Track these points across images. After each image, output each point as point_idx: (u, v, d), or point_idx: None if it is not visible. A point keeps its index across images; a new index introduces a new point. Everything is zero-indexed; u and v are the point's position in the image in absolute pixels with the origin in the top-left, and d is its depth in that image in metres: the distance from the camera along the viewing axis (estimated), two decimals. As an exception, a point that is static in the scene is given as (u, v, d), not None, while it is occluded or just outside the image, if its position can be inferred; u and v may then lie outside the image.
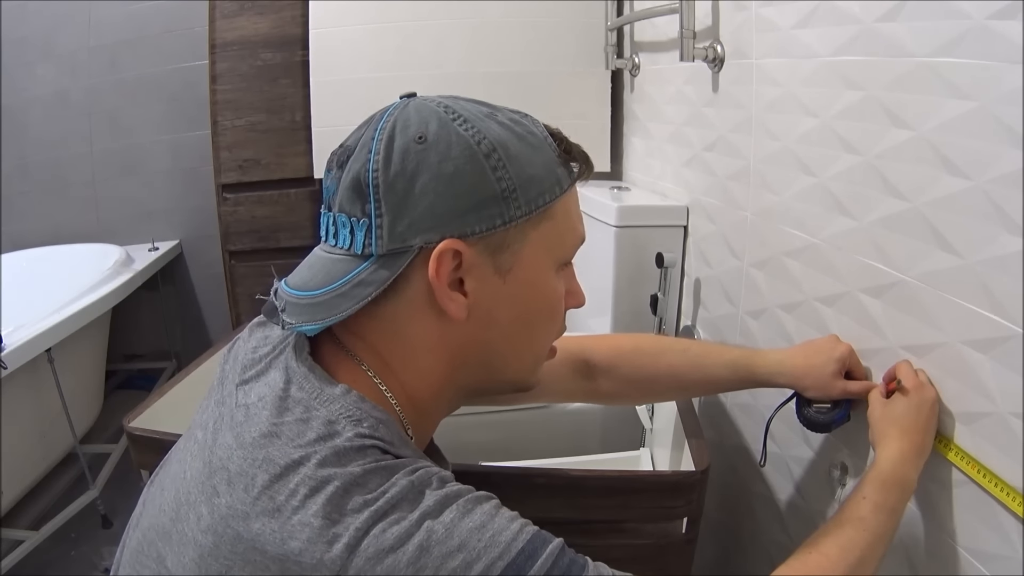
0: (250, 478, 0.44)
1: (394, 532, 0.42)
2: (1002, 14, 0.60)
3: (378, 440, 0.46)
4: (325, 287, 0.49)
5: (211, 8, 1.83)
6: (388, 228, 0.48)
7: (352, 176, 0.48)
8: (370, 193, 0.47)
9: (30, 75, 2.28)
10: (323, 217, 0.52)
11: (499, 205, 0.49)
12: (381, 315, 0.50)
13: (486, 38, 1.71)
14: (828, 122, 0.88)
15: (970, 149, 0.65)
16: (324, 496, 0.42)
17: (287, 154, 1.89)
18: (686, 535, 0.80)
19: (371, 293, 0.48)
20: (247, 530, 0.42)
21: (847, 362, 0.79)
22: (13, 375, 1.49)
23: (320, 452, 0.44)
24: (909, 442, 0.68)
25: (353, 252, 0.49)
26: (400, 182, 0.47)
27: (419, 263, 0.49)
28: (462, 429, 1.46)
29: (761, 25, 1.02)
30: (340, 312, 0.48)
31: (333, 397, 0.48)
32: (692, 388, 0.90)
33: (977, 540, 0.66)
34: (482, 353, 0.54)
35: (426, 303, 0.50)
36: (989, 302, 0.63)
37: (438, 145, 0.48)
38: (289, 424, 0.46)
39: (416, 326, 0.51)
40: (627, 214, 1.35)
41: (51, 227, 2.36)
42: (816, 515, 0.94)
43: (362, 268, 0.48)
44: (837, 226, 0.87)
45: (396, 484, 0.44)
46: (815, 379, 0.79)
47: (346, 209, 0.49)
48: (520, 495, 0.77)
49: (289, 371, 0.50)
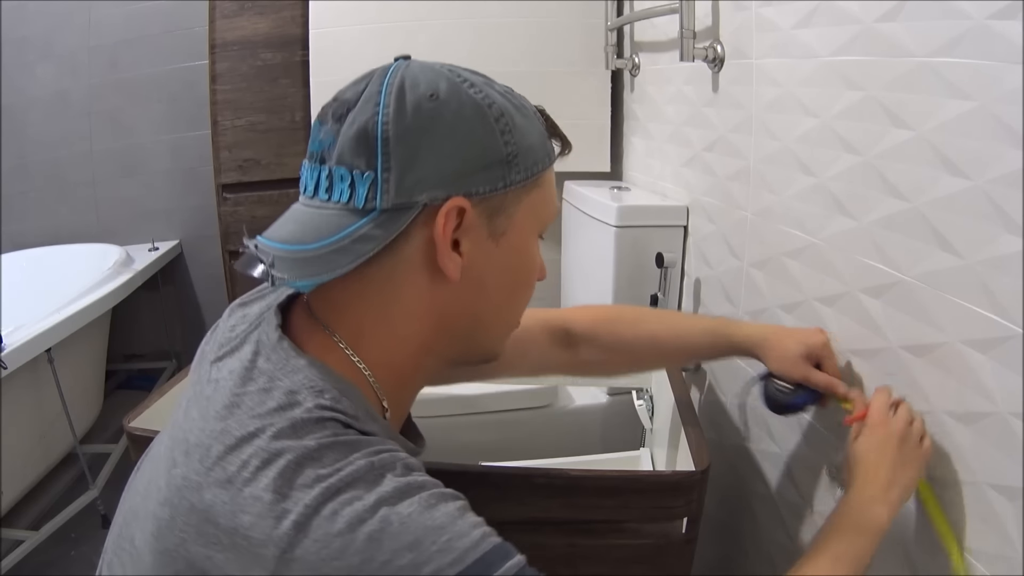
0: (206, 449, 0.43)
1: (346, 515, 0.39)
2: (1002, 14, 0.60)
3: (339, 413, 0.45)
4: (319, 242, 0.46)
5: (211, 8, 1.83)
6: (395, 182, 0.46)
7: (358, 128, 0.47)
8: (378, 146, 0.46)
9: (30, 75, 2.28)
10: (310, 171, 0.50)
11: (503, 168, 0.50)
12: (371, 276, 0.49)
13: (486, 38, 1.71)
14: (828, 122, 0.88)
15: (970, 149, 0.65)
16: (276, 469, 0.41)
17: (287, 154, 1.89)
18: (686, 535, 0.80)
19: (372, 249, 0.46)
20: (200, 501, 0.41)
21: (818, 352, 0.80)
22: (13, 375, 1.49)
23: (277, 424, 0.43)
24: (874, 481, 0.65)
25: (352, 206, 0.47)
26: (411, 136, 0.47)
27: (421, 221, 0.48)
28: (462, 429, 1.47)
29: (761, 25, 1.02)
30: (338, 268, 0.46)
31: (298, 368, 0.47)
32: (671, 355, 0.90)
33: (977, 540, 0.66)
34: (465, 318, 0.53)
35: (422, 263, 0.49)
36: (989, 302, 0.63)
37: (450, 104, 0.48)
38: (251, 394, 0.45)
39: (407, 287, 0.50)
40: (627, 214, 1.35)
41: (51, 227, 2.36)
42: (816, 515, 0.94)
43: (363, 223, 0.46)
44: (837, 226, 0.87)
45: (353, 462, 0.42)
46: (781, 354, 0.80)
47: (347, 162, 0.47)
48: (520, 495, 0.78)
49: (259, 343, 0.49)
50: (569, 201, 1.68)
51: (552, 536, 0.79)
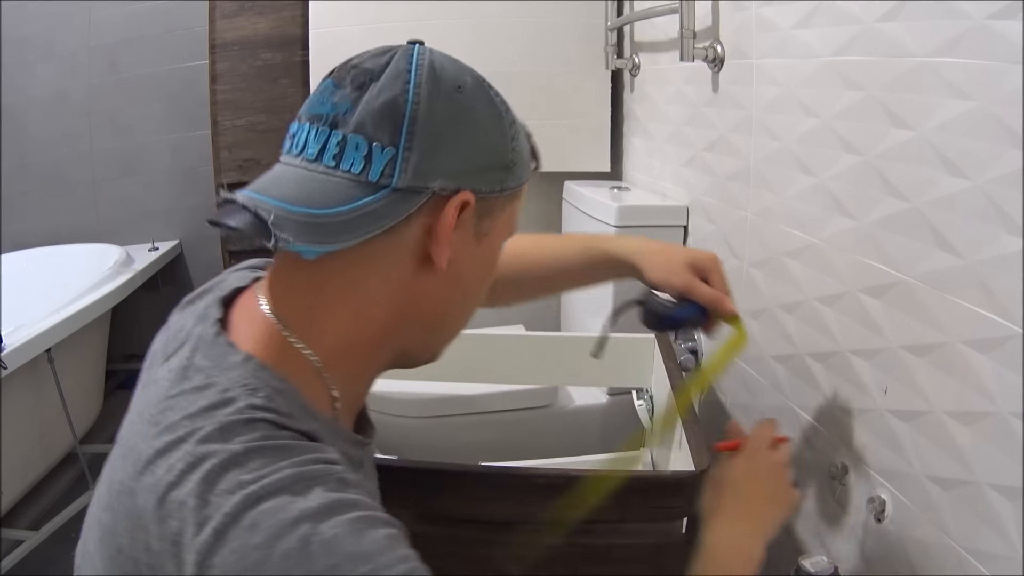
0: (138, 453, 0.42)
1: (265, 528, 0.37)
2: (1002, 14, 0.60)
3: (272, 412, 0.43)
4: (329, 209, 0.44)
5: (211, 8, 1.83)
6: (415, 164, 0.46)
7: (385, 101, 0.46)
8: (404, 123, 0.46)
9: (30, 75, 2.28)
10: (315, 133, 0.47)
11: (504, 172, 0.51)
12: (355, 257, 0.47)
13: (486, 38, 1.71)
14: (828, 122, 0.88)
15: (970, 149, 0.65)
16: (200, 474, 0.39)
17: (287, 154, 1.89)
18: (686, 535, 0.79)
19: (381, 227, 0.45)
20: (134, 506, 0.41)
21: (704, 265, 0.73)
22: (13, 375, 1.49)
23: (206, 426, 0.41)
24: (749, 515, 0.64)
25: (363, 178, 0.45)
26: (439, 123, 0.47)
27: (426, 208, 0.47)
28: (462, 429, 1.47)
29: (761, 25, 1.02)
30: (343, 241, 0.44)
31: (233, 365, 0.45)
32: (555, 279, 0.84)
33: (977, 540, 0.66)
34: (433, 311, 0.53)
35: (414, 248, 0.49)
36: (989, 302, 0.63)
37: (476, 101, 0.49)
38: (185, 394, 0.44)
39: (393, 270, 0.49)
40: (627, 214, 1.35)
41: (51, 227, 2.36)
42: (816, 515, 0.94)
43: (374, 198, 0.45)
44: (837, 226, 0.87)
45: (280, 470, 0.40)
46: (662, 263, 0.74)
47: (368, 132, 0.45)
48: (520, 495, 0.78)
49: (199, 339, 0.48)
50: (569, 201, 1.68)
51: (552, 536, 0.79)
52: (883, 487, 0.79)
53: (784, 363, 1.01)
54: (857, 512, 0.84)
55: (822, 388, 0.92)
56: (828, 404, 0.90)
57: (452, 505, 0.79)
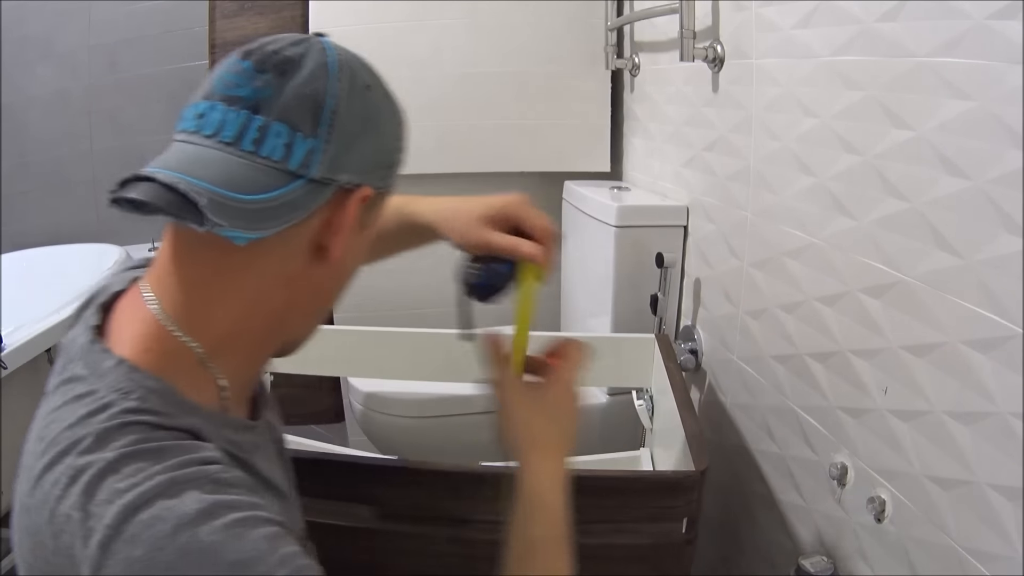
0: (30, 470, 0.43)
1: (145, 540, 0.37)
2: (1002, 14, 0.60)
3: (146, 414, 0.43)
4: (256, 195, 0.44)
5: (211, 8, 1.83)
6: (331, 156, 0.47)
7: (311, 92, 0.46)
8: (326, 117, 0.46)
9: (30, 75, 2.27)
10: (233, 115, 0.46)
11: (392, 171, 0.54)
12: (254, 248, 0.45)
13: (486, 38, 1.71)
14: (828, 122, 0.88)
15: (970, 149, 0.65)
16: (80, 486, 0.39)
17: (287, 154, 1.89)
18: (686, 535, 0.79)
19: (298, 217, 0.46)
20: (31, 523, 0.41)
21: (508, 213, 0.65)
22: (13, 375, 1.48)
23: (85, 437, 0.41)
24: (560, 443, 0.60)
25: (282, 166, 0.45)
26: (354, 120, 0.48)
27: (332, 200, 0.48)
28: (462, 429, 1.47)
29: (761, 25, 1.02)
30: (269, 228, 0.44)
31: (107, 370, 0.45)
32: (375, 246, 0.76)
33: (977, 540, 0.66)
34: (320, 300, 0.54)
35: (312, 238, 0.49)
36: (989, 302, 0.63)
37: (382, 101, 0.52)
38: (68, 404, 0.44)
39: (290, 261, 0.49)
40: (627, 214, 1.35)
41: (51, 227, 2.35)
42: (816, 515, 0.94)
43: (292, 187, 0.45)
44: (837, 226, 0.87)
45: (153, 477, 0.39)
46: (461, 223, 0.67)
47: (291, 121, 0.45)
48: (520, 495, 0.78)
49: (80, 348, 0.47)
50: (569, 201, 1.68)
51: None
52: (883, 487, 0.79)
53: (784, 363, 1.01)
54: (857, 512, 0.84)
55: (822, 388, 0.92)
56: (828, 404, 0.90)
57: (452, 505, 0.79)
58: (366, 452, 1.26)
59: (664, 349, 1.16)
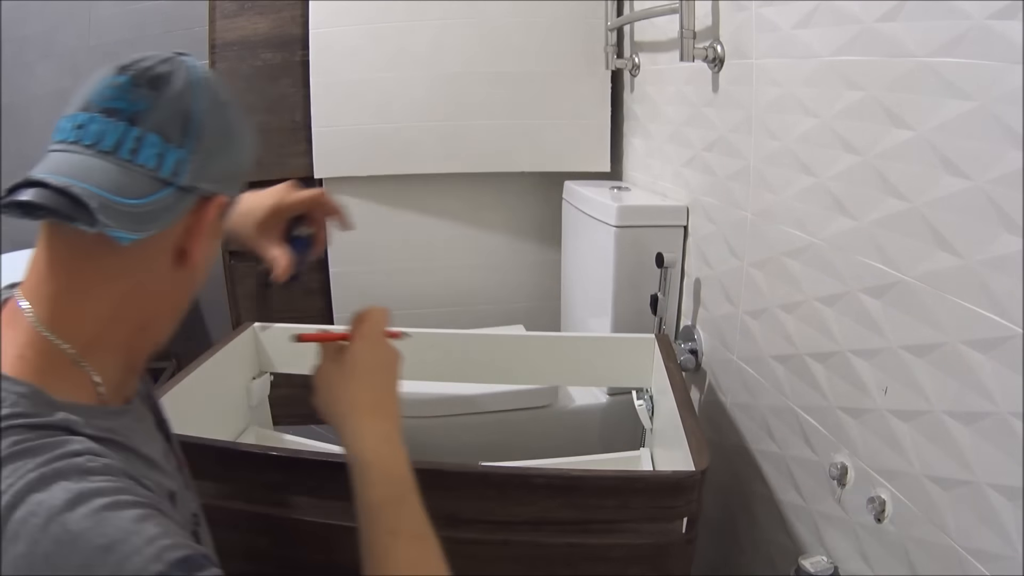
0: None
1: (24, 537, 0.40)
2: (1002, 14, 0.60)
3: (18, 417, 0.45)
4: (137, 199, 0.48)
5: (211, 8, 1.83)
6: (196, 166, 0.51)
7: (183, 106, 0.51)
8: (193, 130, 0.51)
9: (30, 74, 2.27)
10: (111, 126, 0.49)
11: (240, 180, 0.57)
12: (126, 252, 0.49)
13: (486, 38, 1.71)
14: (828, 122, 0.88)
15: (970, 149, 0.65)
16: None
17: (287, 154, 1.88)
18: (686, 535, 0.80)
19: (170, 221, 0.50)
20: None
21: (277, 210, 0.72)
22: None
23: None
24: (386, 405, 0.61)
25: (156, 174, 0.49)
26: (216, 132, 0.52)
27: (192, 207, 0.52)
28: (462, 429, 1.47)
29: (761, 25, 1.02)
30: (149, 230, 0.48)
31: None
32: None
33: (977, 540, 0.66)
34: (179, 301, 0.57)
35: (172, 245, 0.53)
36: (989, 302, 0.63)
37: (235, 115, 0.55)
38: None
39: (156, 264, 0.53)
40: (627, 214, 1.35)
41: (51, 227, 2.36)
42: (816, 515, 0.94)
43: (164, 194, 0.49)
44: (837, 226, 0.87)
45: (26, 475, 0.42)
46: (245, 232, 0.73)
47: (163, 132, 0.50)
48: (520, 495, 0.78)
49: None
50: (569, 201, 1.68)
51: (552, 536, 0.79)
52: (883, 487, 0.79)
53: (784, 363, 1.01)
54: (857, 512, 0.84)
55: (822, 388, 0.92)
56: (828, 404, 0.90)
57: (452, 505, 0.79)
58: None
59: (664, 349, 1.16)
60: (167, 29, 2.23)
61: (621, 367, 1.24)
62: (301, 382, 0.70)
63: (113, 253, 0.48)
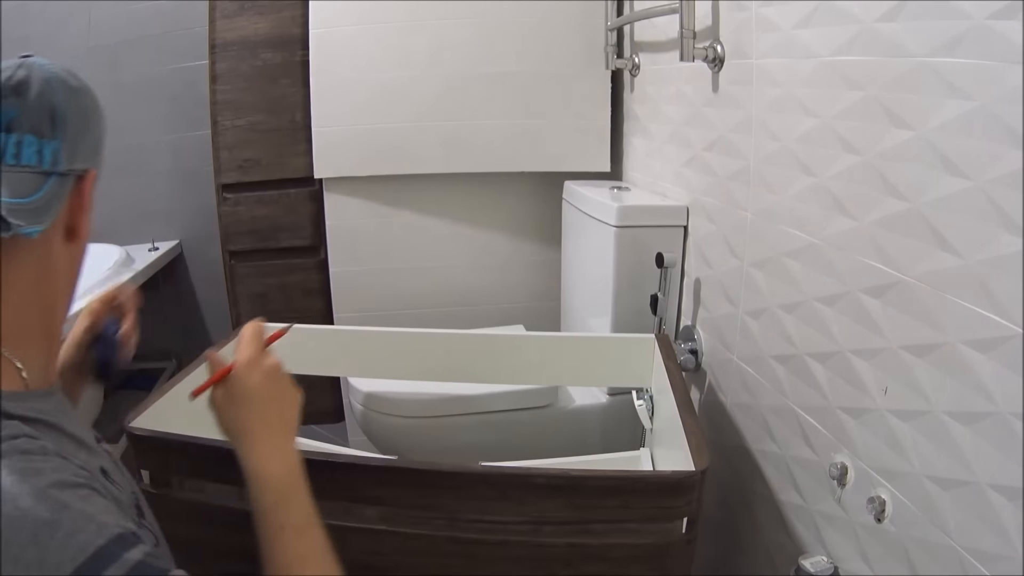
0: None
1: None
2: (1002, 14, 0.60)
3: None
4: (31, 197, 0.53)
5: (211, 8, 1.83)
6: (69, 151, 0.56)
7: (48, 103, 0.55)
8: (59, 121, 0.55)
9: (30, 75, 2.27)
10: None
11: (102, 151, 0.62)
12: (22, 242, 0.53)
13: (486, 38, 1.71)
14: (828, 122, 0.88)
15: (970, 149, 0.65)
16: None
17: (287, 154, 1.89)
18: (686, 535, 0.79)
19: (60, 207, 0.55)
20: None
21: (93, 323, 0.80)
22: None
23: None
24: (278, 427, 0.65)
25: (40, 169, 0.54)
26: (78, 117, 0.57)
27: (72, 187, 0.57)
28: (462, 429, 1.47)
29: (761, 25, 1.02)
30: (47, 220, 0.54)
31: None
32: None
33: (977, 540, 0.66)
34: (75, 274, 0.62)
35: (63, 224, 0.57)
36: (989, 302, 0.63)
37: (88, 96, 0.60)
38: None
39: (51, 245, 0.57)
40: (627, 214, 1.35)
41: (51, 227, 2.36)
42: (816, 515, 0.95)
43: (50, 184, 0.54)
44: (837, 226, 0.87)
45: None
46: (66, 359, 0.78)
47: (37, 131, 0.54)
48: (520, 495, 0.78)
49: None
50: (569, 201, 1.68)
51: (552, 536, 0.79)
52: (883, 487, 0.80)
53: (784, 363, 1.01)
54: (857, 512, 0.84)
55: (822, 388, 0.92)
56: (828, 404, 0.90)
57: (452, 505, 0.79)
58: (366, 452, 1.26)
59: (664, 349, 1.16)
60: (167, 29, 2.23)
61: (621, 367, 1.24)
62: (301, 382, 0.70)
63: (19, 247, 0.54)
